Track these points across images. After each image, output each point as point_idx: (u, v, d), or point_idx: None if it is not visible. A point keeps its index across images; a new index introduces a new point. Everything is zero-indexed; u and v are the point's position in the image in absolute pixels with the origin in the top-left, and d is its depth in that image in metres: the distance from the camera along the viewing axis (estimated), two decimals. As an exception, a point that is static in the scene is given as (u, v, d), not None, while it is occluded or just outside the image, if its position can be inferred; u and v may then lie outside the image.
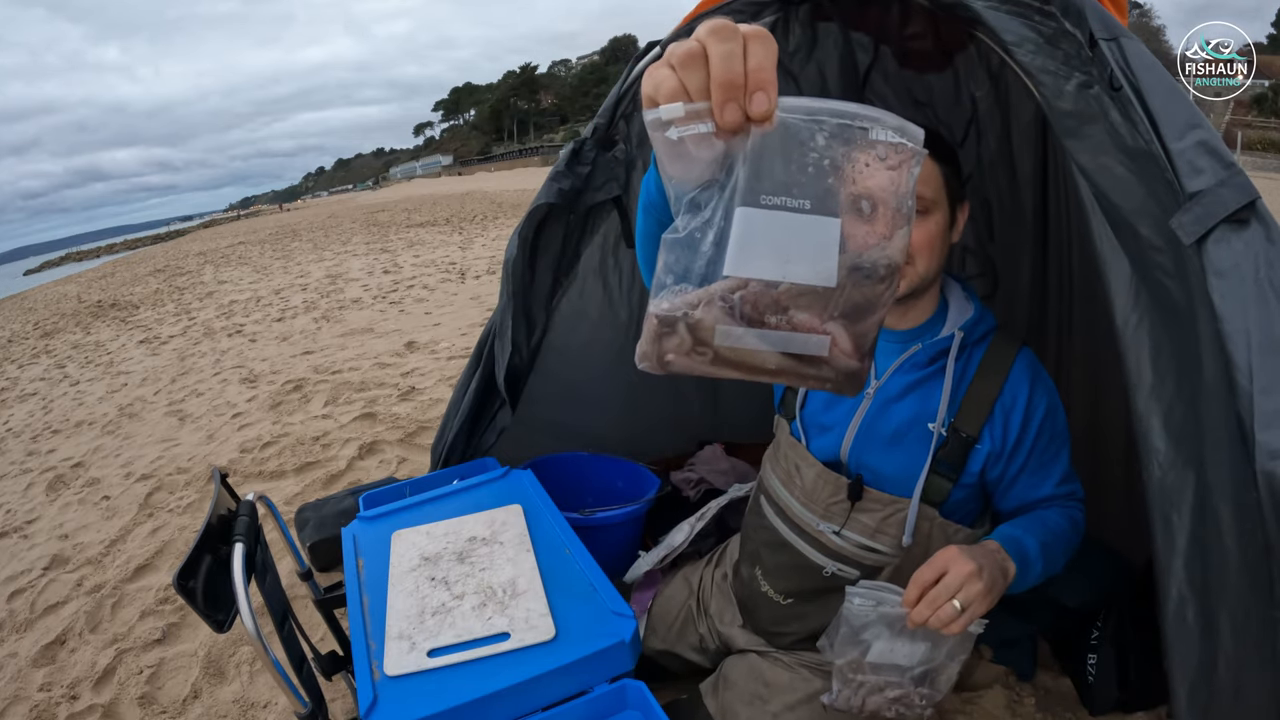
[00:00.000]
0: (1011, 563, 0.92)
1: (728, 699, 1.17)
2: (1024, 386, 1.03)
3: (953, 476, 1.03)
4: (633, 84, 1.48)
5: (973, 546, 0.92)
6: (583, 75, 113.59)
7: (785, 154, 0.44)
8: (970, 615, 0.86)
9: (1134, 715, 1.31)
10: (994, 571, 0.89)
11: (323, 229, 18.86)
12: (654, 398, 2.06)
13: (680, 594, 1.41)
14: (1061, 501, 1.06)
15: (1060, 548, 1.00)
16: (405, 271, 8.34)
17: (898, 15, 1.46)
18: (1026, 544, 0.96)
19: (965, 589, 0.86)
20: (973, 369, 1.04)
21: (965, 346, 1.04)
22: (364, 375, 4.25)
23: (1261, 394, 0.69)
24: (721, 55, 0.43)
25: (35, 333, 8.85)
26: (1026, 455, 1.04)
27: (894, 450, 1.05)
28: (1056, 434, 1.05)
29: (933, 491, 1.03)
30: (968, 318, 1.05)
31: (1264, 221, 0.74)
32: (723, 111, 0.43)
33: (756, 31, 0.44)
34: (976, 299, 1.10)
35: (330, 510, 2.26)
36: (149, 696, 1.80)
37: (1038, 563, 0.96)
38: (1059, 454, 1.06)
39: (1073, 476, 1.07)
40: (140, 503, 2.97)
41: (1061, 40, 0.92)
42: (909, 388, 1.05)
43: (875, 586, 0.96)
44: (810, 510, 1.11)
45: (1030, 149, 1.46)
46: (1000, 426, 1.02)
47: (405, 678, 0.88)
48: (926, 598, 0.87)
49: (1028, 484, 1.05)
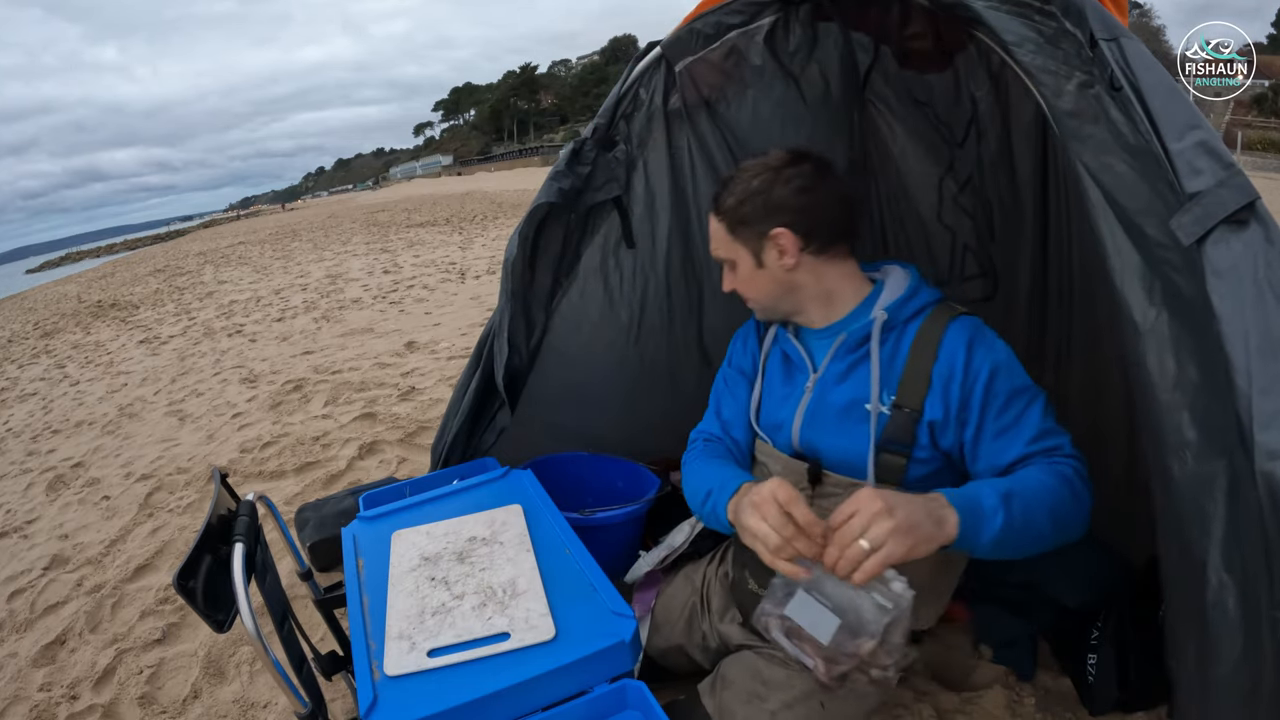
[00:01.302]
0: (951, 511, 0.88)
1: (725, 698, 1.17)
2: (960, 353, 1.03)
3: (905, 453, 1.04)
4: (633, 84, 1.48)
5: (895, 491, 0.88)
6: (583, 75, 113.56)
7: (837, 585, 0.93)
8: (883, 556, 0.82)
9: (1134, 715, 1.31)
10: (914, 514, 0.85)
11: (323, 229, 18.86)
12: (654, 398, 2.06)
13: (683, 592, 1.41)
14: (1042, 458, 1.00)
15: (1042, 504, 0.93)
16: (405, 271, 8.34)
17: (898, 15, 1.46)
18: (980, 493, 0.91)
19: (873, 527, 0.83)
20: (906, 344, 1.07)
21: (895, 325, 1.08)
22: (364, 375, 4.25)
23: (1260, 395, 0.69)
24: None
25: (35, 333, 8.86)
26: (978, 419, 1.02)
27: (839, 434, 1.09)
28: (1014, 393, 1.02)
29: (887, 470, 1.05)
30: (895, 298, 1.09)
31: (1263, 222, 0.74)
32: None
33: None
34: (916, 280, 1.12)
35: (330, 510, 2.26)
36: (149, 696, 1.80)
37: (996, 514, 0.89)
38: (1025, 412, 1.02)
39: (1053, 432, 1.02)
40: (140, 503, 2.97)
41: (1062, 40, 0.92)
42: (843, 373, 1.11)
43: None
44: None
45: (1030, 149, 1.46)
46: (940, 395, 1.03)
47: (405, 678, 0.88)
48: (834, 539, 0.85)
49: (993, 448, 1.02)
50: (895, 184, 1.82)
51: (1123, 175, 0.85)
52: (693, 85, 1.55)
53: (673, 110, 1.57)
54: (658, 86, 1.49)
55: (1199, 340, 0.78)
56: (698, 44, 1.46)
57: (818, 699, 1.12)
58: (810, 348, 1.17)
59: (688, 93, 1.56)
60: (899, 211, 1.85)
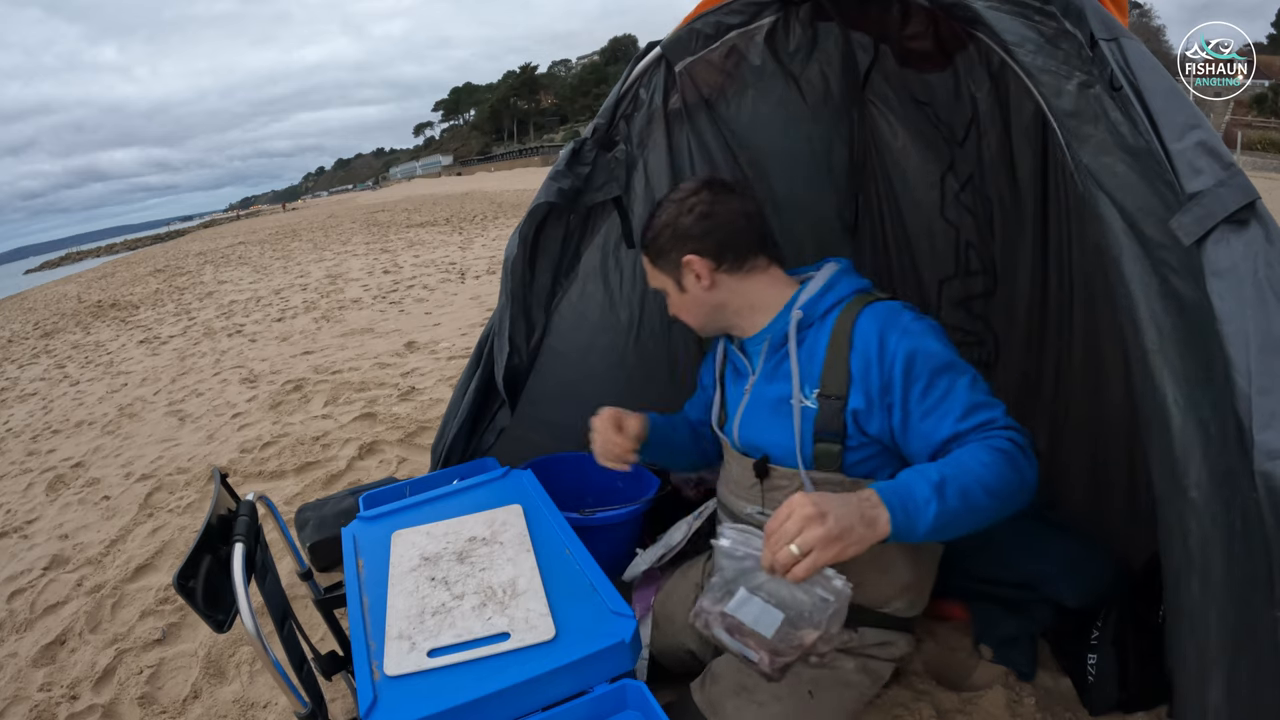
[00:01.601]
0: (883, 510, 0.89)
1: (714, 693, 1.18)
2: (873, 338, 1.07)
3: (838, 440, 1.09)
4: (633, 84, 1.48)
5: (830, 494, 0.90)
6: (583, 75, 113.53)
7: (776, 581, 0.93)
8: (811, 561, 0.84)
9: (1134, 715, 1.31)
10: (846, 519, 0.86)
11: (322, 229, 18.87)
12: (654, 399, 2.06)
13: (682, 588, 1.42)
14: (976, 434, 1.00)
15: (980, 482, 0.93)
16: (405, 271, 8.34)
17: (898, 15, 1.46)
18: (912, 485, 0.92)
19: (804, 533, 0.84)
20: (824, 337, 1.12)
21: (813, 321, 1.15)
22: (364, 375, 4.25)
23: (1260, 394, 0.69)
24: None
25: (35, 333, 8.86)
26: (901, 402, 1.04)
27: (773, 430, 1.17)
28: (937, 371, 1.03)
29: (825, 459, 1.11)
30: (809, 297, 1.16)
31: (1263, 222, 0.74)
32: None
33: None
34: (836, 275, 1.18)
35: (330, 510, 2.26)
36: (149, 696, 1.80)
37: (929, 504, 0.90)
38: (951, 390, 1.02)
39: (983, 406, 1.02)
40: (140, 503, 2.97)
41: (1062, 40, 0.92)
42: (772, 372, 1.19)
43: (748, 529, 0.99)
44: (739, 497, 1.26)
45: (1030, 148, 1.46)
46: (861, 382, 1.07)
47: (405, 678, 0.88)
48: (768, 540, 0.88)
49: (922, 429, 1.03)
50: (896, 182, 1.82)
51: (1121, 175, 0.85)
52: (693, 85, 1.55)
53: (673, 110, 1.57)
54: (658, 86, 1.49)
55: (1202, 341, 0.78)
56: (698, 44, 1.46)
57: (805, 689, 1.13)
58: (749, 353, 1.25)
59: (688, 93, 1.56)
60: (900, 209, 1.85)
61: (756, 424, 1.21)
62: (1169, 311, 0.83)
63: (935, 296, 1.85)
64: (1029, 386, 1.72)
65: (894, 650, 1.24)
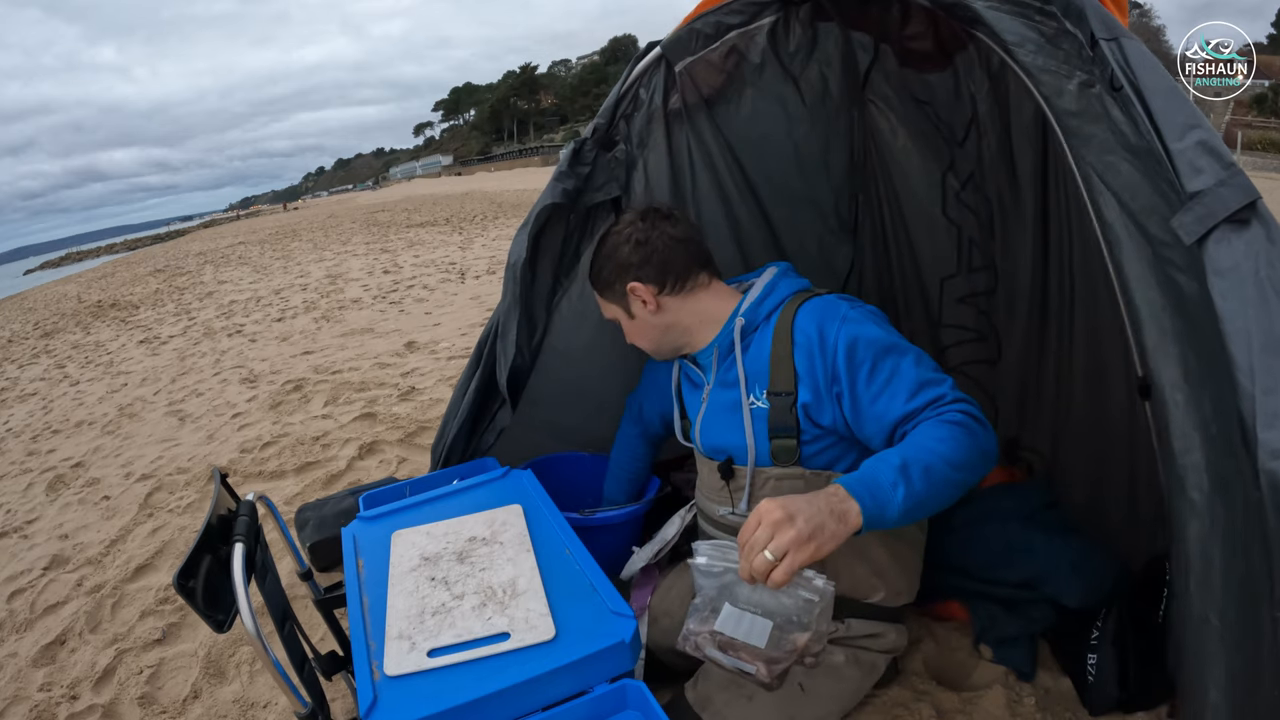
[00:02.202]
0: (852, 503, 0.89)
1: (705, 688, 1.20)
2: (812, 330, 1.10)
3: (793, 435, 1.12)
4: (633, 84, 1.48)
5: (796, 496, 0.90)
6: (583, 75, 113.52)
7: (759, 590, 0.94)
8: (788, 565, 0.84)
9: (1134, 715, 1.31)
10: (816, 518, 0.86)
11: (322, 229, 18.87)
12: (654, 398, 2.06)
13: (682, 584, 1.42)
14: (929, 411, 1.01)
15: (942, 458, 0.94)
16: (405, 271, 8.34)
17: (898, 15, 1.46)
18: (876, 472, 0.92)
19: (776, 538, 0.85)
20: (768, 340, 1.15)
21: (756, 325, 1.19)
22: (364, 375, 4.25)
23: (1264, 394, 0.69)
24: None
25: (35, 333, 8.86)
26: (849, 388, 1.05)
27: (728, 432, 1.21)
28: (880, 354, 1.04)
29: (783, 454, 1.14)
30: (749, 303, 1.20)
31: (1265, 221, 0.74)
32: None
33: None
34: (775, 278, 1.22)
35: (330, 510, 2.26)
36: (149, 696, 1.80)
37: (897, 487, 0.90)
38: (895, 371, 1.03)
39: (931, 383, 1.03)
40: (140, 503, 2.97)
41: (1062, 40, 0.92)
42: (723, 379, 1.24)
43: (721, 543, 0.99)
44: (711, 499, 1.30)
45: (1031, 148, 1.46)
46: (807, 377, 1.10)
47: (405, 678, 0.88)
48: (742, 550, 0.88)
49: (873, 413, 1.04)
50: (897, 181, 1.82)
51: (1125, 175, 0.85)
52: (693, 85, 1.55)
53: (673, 110, 1.56)
54: (658, 86, 1.49)
55: (1204, 340, 0.78)
56: (698, 44, 1.46)
57: (796, 682, 1.14)
58: (702, 365, 1.31)
59: (688, 93, 1.56)
60: (901, 208, 1.85)
61: (715, 428, 1.26)
62: (1171, 310, 0.83)
63: (938, 295, 1.85)
64: (1030, 386, 1.72)
65: (884, 642, 1.25)
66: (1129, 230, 0.86)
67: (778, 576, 0.85)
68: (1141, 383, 1.29)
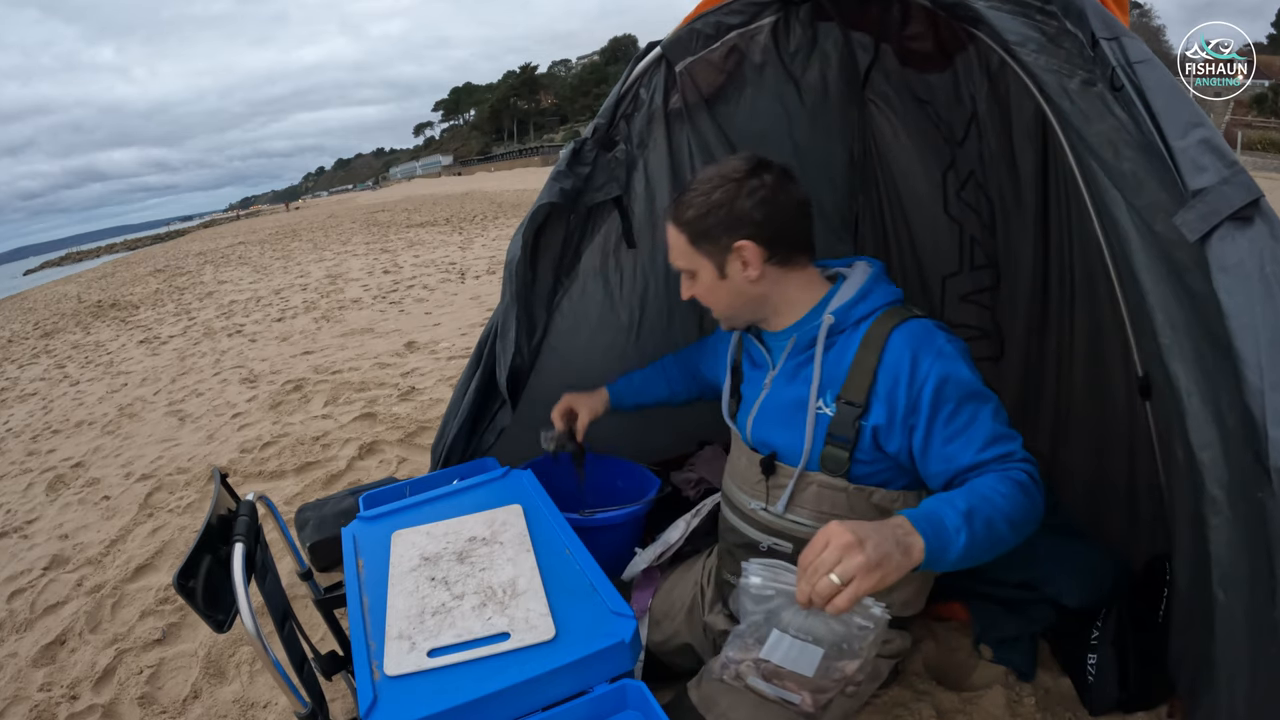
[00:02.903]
0: (918, 538, 0.87)
1: (709, 689, 1.18)
2: (905, 357, 1.04)
3: (847, 447, 1.08)
4: (633, 84, 1.48)
5: (864, 522, 0.88)
6: (583, 75, 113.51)
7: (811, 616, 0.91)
8: (853, 591, 0.81)
9: (1134, 715, 1.31)
10: (884, 546, 0.84)
11: (322, 229, 18.87)
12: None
13: (684, 586, 1.42)
14: (995, 465, 1.00)
15: (1001, 513, 0.93)
16: (405, 271, 8.34)
17: (898, 15, 1.46)
18: (943, 514, 0.91)
19: (844, 562, 0.82)
20: (854, 345, 1.09)
21: (844, 328, 1.11)
22: (364, 375, 4.25)
23: (1272, 390, 0.69)
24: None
25: (35, 333, 8.86)
26: (926, 425, 1.02)
27: (787, 428, 1.15)
28: (965, 398, 1.02)
29: (832, 463, 1.09)
30: (843, 302, 1.12)
31: (1268, 219, 0.74)
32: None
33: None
34: (871, 280, 1.14)
35: (330, 510, 2.25)
36: (149, 696, 1.79)
37: (959, 533, 0.89)
38: (975, 418, 1.02)
39: (1005, 438, 1.02)
40: (140, 503, 2.97)
41: (1063, 39, 0.92)
42: (794, 372, 1.16)
43: (774, 563, 0.95)
44: (743, 491, 1.24)
45: (1031, 147, 1.46)
46: (885, 399, 1.04)
47: (405, 678, 0.88)
48: (805, 572, 0.84)
49: (943, 455, 1.02)
50: (898, 180, 1.82)
51: (1130, 173, 0.85)
52: (693, 85, 1.55)
53: (673, 110, 1.56)
54: (658, 86, 1.49)
55: (1216, 335, 0.78)
56: (698, 44, 1.46)
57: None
58: (770, 348, 1.22)
59: (688, 92, 1.56)
60: (902, 207, 1.85)
61: (771, 421, 1.19)
62: (1182, 306, 0.83)
63: (940, 293, 1.85)
64: (1030, 385, 1.72)
65: (890, 648, 1.24)
66: (1135, 228, 0.86)
67: (840, 602, 0.81)
68: (1141, 382, 1.29)
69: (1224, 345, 0.75)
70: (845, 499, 1.10)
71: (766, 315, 1.19)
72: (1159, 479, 1.33)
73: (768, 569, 0.93)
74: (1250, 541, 0.77)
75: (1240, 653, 0.81)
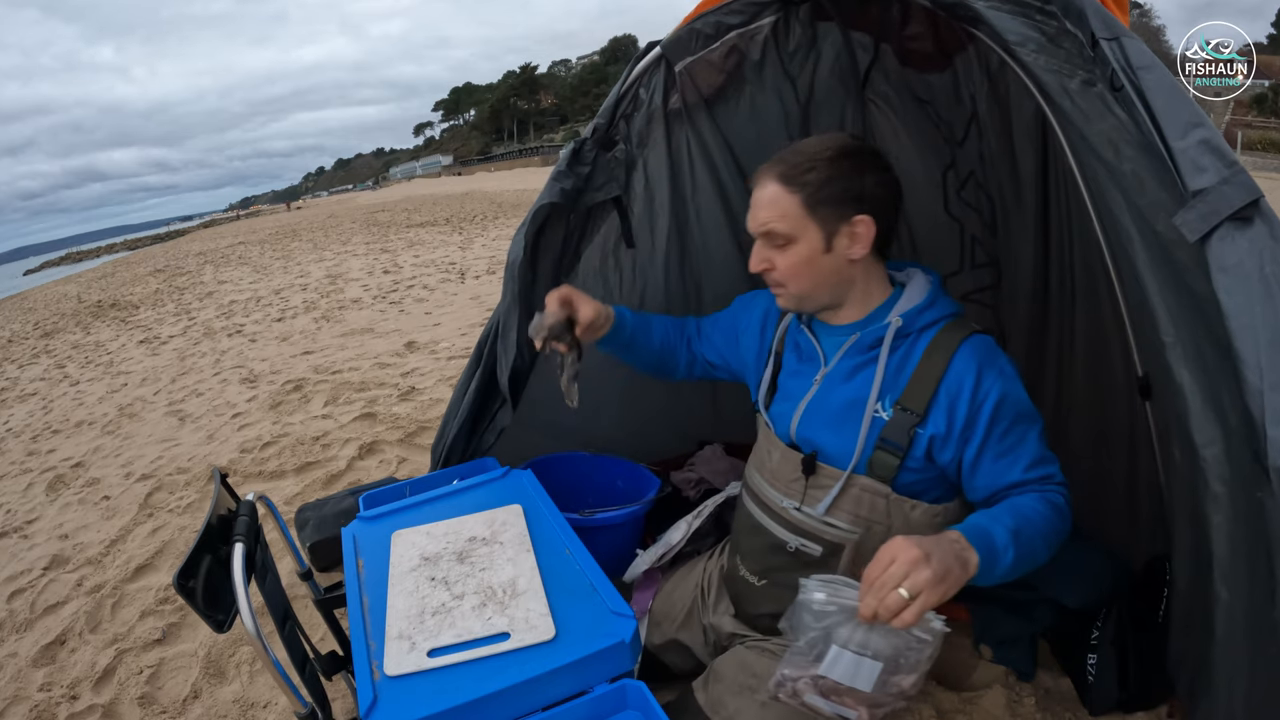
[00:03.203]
0: (973, 553, 0.88)
1: (717, 691, 1.18)
2: (970, 371, 1.03)
3: (899, 454, 1.05)
4: (633, 84, 1.48)
5: (925, 536, 0.89)
6: (583, 75, 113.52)
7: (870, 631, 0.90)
8: (921, 604, 0.82)
9: (1134, 715, 1.31)
10: (947, 560, 0.85)
11: (322, 229, 18.86)
12: (653, 398, 2.06)
13: (684, 587, 1.42)
14: (1036, 486, 1.03)
15: (1040, 533, 0.96)
16: (405, 271, 8.34)
17: (898, 15, 1.46)
18: (993, 531, 0.92)
19: (912, 576, 0.82)
20: (918, 353, 1.07)
21: (909, 333, 1.08)
22: (364, 375, 4.25)
23: (1272, 390, 0.69)
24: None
25: (35, 333, 8.85)
26: (981, 440, 1.03)
27: (838, 429, 1.11)
28: (1018, 418, 1.03)
29: (880, 468, 1.07)
30: (912, 306, 1.09)
31: (1268, 219, 0.74)
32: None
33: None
34: (936, 290, 1.12)
35: (330, 510, 2.25)
36: (149, 696, 1.79)
37: (1008, 551, 0.91)
38: (1024, 438, 1.03)
39: (1047, 460, 1.05)
40: (140, 503, 2.97)
41: (1063, 40, 0.92)
42: (851, 372, 1.11)
43: (834, 579, 0.94)
44: (775, 488, 1.19)
45: (1031, 147, 1.46)
46: (945, 410, 1.03)
47: (405, 678, 0.88)
48: (872, 586, 0.85)
49: (992, 470, 1.03)
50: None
51: (1131, 173, 0.85)
52: (692, 85, 1.55)
53: (672, 110, 1.56)
54: (657, 86, 1.49)
55: (1218, 335, 0.78)
56: (697, 44, 1.46)
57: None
58: (822, 341, 1.16)
59: (687, 92, 1.56)
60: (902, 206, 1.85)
61: (820, 421, 1.14)
62: (1184, 305, 0.83)
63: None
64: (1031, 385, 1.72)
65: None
66: (1139, 227, 0.86)
67: (908, 616, 0.82)
68: (1141, 382, 1.29)
69: (1225, 344, 0.75)
70: (885, 505, 1.08)
71: (839, 304, 1.13)
72: (1159, 479, 1.33)
73: (828, 584, 0.93)
74: (1252, 540, 0.77)
75: (1239, 653, 0.81)
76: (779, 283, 1.11)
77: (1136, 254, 0.88)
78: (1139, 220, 0.86)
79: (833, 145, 1.06)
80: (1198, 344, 0.82)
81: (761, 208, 1.08)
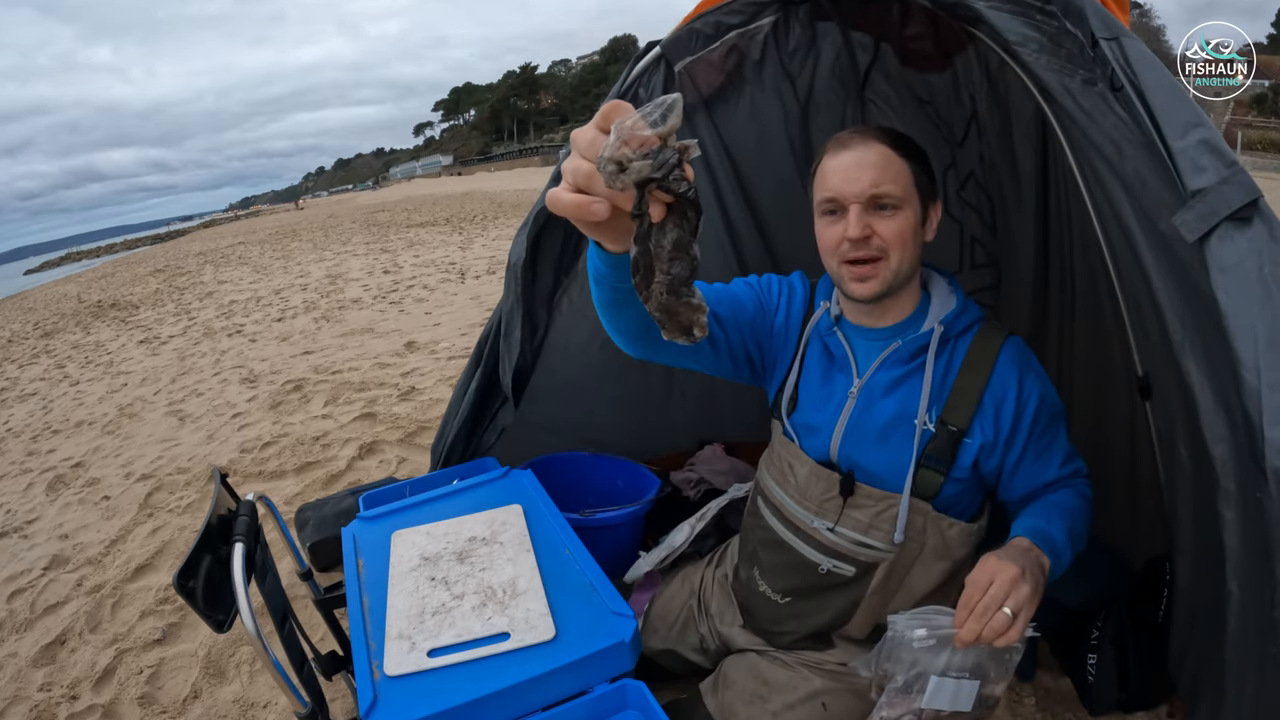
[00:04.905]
0: (1046, 557, 0.92)
1: (727, 698, 1.16)
2: (1012, 377, 1.02)
3: (943, 470, 1.02)
4: (632, 84, 1.48)
5: (1007, 549, 0.91)
6: (583, 75, 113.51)
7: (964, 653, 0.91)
8: (1023, 620, 0.84)
9: (1134, 715, 1.31)
10: (1035, 571, 0.88)
11: (322, 229, 18.86)
12: (654, 398, 2.06)
13: (681, 594, 1.41)
14: (1068, 481, 1.05)
15: (1081, 527, 1.00)
16: (405, 271, 8.34)
17: (898, 15, 1.46)
18: (1053, 534, 0.96)
19: (1014, 594, 0.84)
20: (958, 361, 1.03)
21: (948, 340, 1.03)
22: (364, 375, 4.25)
23: (1270, 390, 0.69)
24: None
25: (35, 333, 8.85)
26: (1024, 444, 1.03)
27: (882, 447, 1.04)
28: (1053, 417, 1.05)
29: (924, 486, 1.03)
30: (949, 311, 1.05)
31: (1267, 219, 0.74)
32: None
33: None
34: (960, 292, 1.09)
35: (330, 510, 2.26)
36: (149, 696, 1.79)
37: (1066, 551, 0.95)
38: (1057, 435, 1.05)
39: (1074, 454, 1.07)
40: (140, 503, 2.97)
41: (1063, 39, 0.92)
42: (893, 384, 1.04)
43: (922, 611, 0.93)
44: (804, 508, 1.12)
45: (1031, 146, 1.46)
46: (991, 419, 1.01)
47: (405, 678, 0.88)
48: (975, 611, 0.85)
49: (1031, 471, 1.04)
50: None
51: (1132, 173, 0.85)
52: (692, 85, 1.55)
53: (672, 110, 1.56)
54: (657, 86, 1.49)
55: (1223, 333, 0.78)
56: (697, 44, 1.46)
57: (820, 700, 1.12)
58: (855, 348, 1.08)
59: (687, 92, 1.56)
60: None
61: (865, 439, 1.06)
62: (1190, 303, 0.83)
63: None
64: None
65: None
66: (1142, 226, 0.86)
67: (1014, 634, 0.84)
68: (1141, 382, 1.29)
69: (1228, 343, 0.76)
70: (922, 523, 1.05)
71: (893, 297, 1.04)
72: (1159, 479, 1.33)
73: (919, 617, 0.92)
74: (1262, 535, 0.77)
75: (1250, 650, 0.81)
76: (881, 251, 0.98)
77: (1142, 253, 0.88)
78: (1143, 219, 0.86)
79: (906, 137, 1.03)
80: (1205, 342, 0.82)
81: (873, 168, 0.97)
